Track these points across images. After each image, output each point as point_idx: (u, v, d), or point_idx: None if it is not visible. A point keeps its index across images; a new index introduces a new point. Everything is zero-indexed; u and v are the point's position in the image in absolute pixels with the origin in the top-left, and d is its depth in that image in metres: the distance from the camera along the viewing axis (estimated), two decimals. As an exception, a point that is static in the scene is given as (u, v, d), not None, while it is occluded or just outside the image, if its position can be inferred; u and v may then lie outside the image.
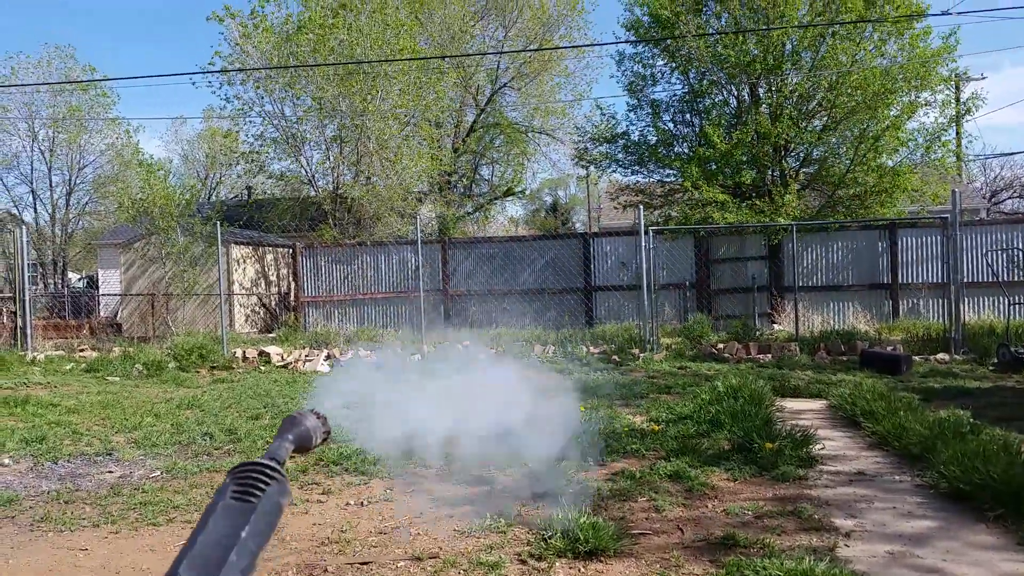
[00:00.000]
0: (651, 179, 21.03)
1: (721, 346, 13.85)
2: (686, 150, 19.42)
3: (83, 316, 22.19)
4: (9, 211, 33.48)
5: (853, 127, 17.56)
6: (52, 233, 32.78)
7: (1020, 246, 15.13)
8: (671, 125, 20.23)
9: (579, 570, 3.98)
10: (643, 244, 14.40)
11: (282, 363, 13.67)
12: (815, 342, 13.78)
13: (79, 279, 37.93)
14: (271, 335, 17.95)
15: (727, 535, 4.31)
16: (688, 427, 7.19)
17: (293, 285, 19.22)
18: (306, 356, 13.94)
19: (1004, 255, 14.80)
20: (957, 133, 22.78)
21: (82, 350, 15.32)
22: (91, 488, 5.84)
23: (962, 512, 4.71)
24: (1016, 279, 14.11)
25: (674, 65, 19.50)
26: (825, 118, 18.10)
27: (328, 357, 13.84)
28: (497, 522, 4.67)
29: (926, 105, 17.75)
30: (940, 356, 12.70)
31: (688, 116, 20.00)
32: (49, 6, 77.98)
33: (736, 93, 19.23)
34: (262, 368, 13.44)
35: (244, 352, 14.15)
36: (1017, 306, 13.07)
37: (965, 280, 14.43)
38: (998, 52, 66.69)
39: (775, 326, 16.05)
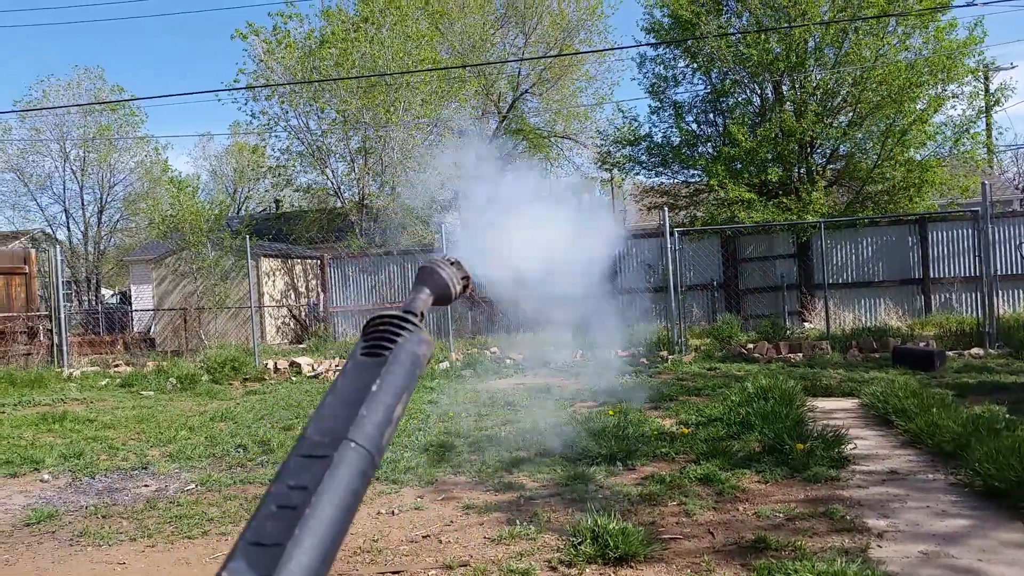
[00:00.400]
0: (675, 180, 20.96)
1: (751, 346, 13.75)
2: (710, 150, 19.34)
3: (117, 331, 22.53)
4: (43, 230, 34.15)
5: (879, 122, 17.38)
6: (85, 251, 33.37)
7: (1054, 237, 14.89)
8: (694, 125, 20.17)
9: (609, 576, 3.99)
10: (669, 245, 14.36)
11: (313, 373, 13.80)
12: (846, 340, 13.65)
13: (112, 295, 38.53)
14: (302, 346, 18.13)
15: (758, 538, 4.29)
16: (718, 429, 7.15)
17: (322, 296, 19.39)
18: (336, 366, 14.06)
19: (1038, 247, 14.57)
20: (987, 124, 22.42)
21: (117, 365, 15.58)
22: (128, 502, 5.95)
23: (997, 510, 4.65)
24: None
25: (696, 66, 19.46)
26: (850, 113, 17.94)
27: (358, 367, 13.93)
28: (527, 529, 4.69)
29: (953, 97, 17.54)
30: (974, 351, 12.51)
31: (711, 116, 19.94)
32: (79, 30, 79.57)
33: (759, 91, 19.13)
34: (293, 379, 13.58)
35: (275, 363, 14.31)
36: (1053, 298, 12.86)
37: (998, 273, 14.22)
38: (1027, 40, 65.55)
39: (806, 324, 15.91)
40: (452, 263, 1.23)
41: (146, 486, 6.45)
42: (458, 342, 15.36)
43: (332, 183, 23.47)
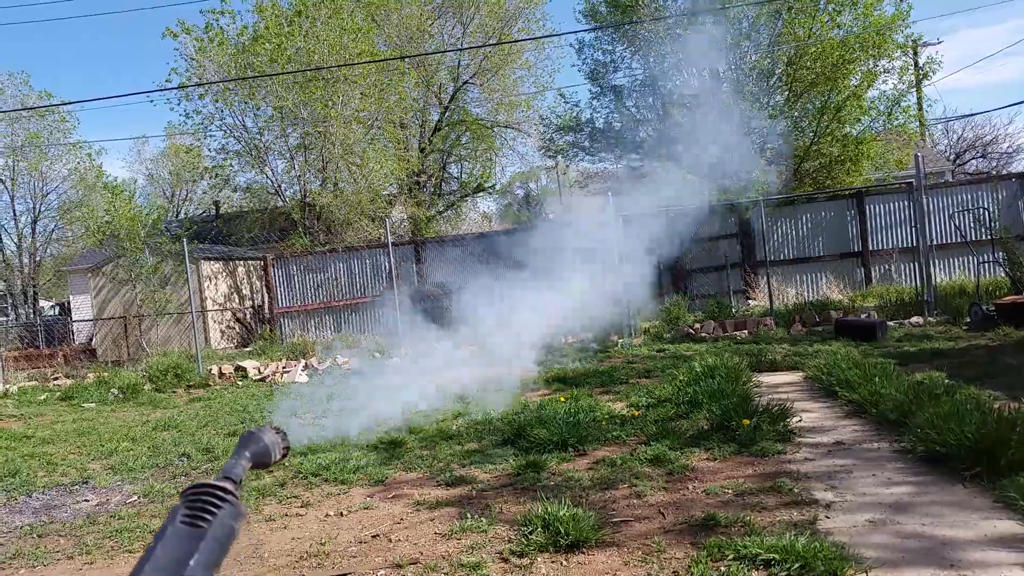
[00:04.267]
0: (618, 165, 21.04)
1: (698, 326, 13.89)
2: (651, 133, 19.44)
3: (56, 344, 21.88)
4: (-27, 244, 32.90)
5: (815, 99, 17.65)
6: (20, 262, 32.27)
7: (985, 205, 15.26)
8: (635, 109, 20.25)
9: (561, 563, 3.94)
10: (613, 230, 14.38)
11: (259, 377, 13.54)
12: (790, 315, 13.87)
13: (52, 306, 37.43)
14: (248, 349, 17.79)
15: (708, 516, 4.29)
16: (667, 410, 7.19)
17: (267, 297, 19.05)
18: (283, 368, 13.82)
19: (970, 215, 14.93)
20: (917, 98, 22.97)
21: (56, 378, 15.11)
22: (66, 519, 5.74)
23: (940, 474, 4.72)
24: (983, 238, 14.22)
25: (634, 50, 19.52)
26: (786, 92, 18.18)
27: (306, 367, 13.73)
28: (479, 522, 4.62)
29: (885, 73, 17.88)
30: (914, 319, 12.80)
31: (651, 99, 20.02)
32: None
33: (696, 73, 19.25)
34: (239, 383, 13.30)
35: (220, 368, 14.00)
36: (986, 265, 13.20)
37: (934, 243, 14.56)
38: (952, 16, 67.40)
39: (750, 302, 16.12)
40: (277, 431, 1.32)
41: (86, 501, 6.24)
42: (408, 336, 15.20)
43: (272, 182, 23.02)
